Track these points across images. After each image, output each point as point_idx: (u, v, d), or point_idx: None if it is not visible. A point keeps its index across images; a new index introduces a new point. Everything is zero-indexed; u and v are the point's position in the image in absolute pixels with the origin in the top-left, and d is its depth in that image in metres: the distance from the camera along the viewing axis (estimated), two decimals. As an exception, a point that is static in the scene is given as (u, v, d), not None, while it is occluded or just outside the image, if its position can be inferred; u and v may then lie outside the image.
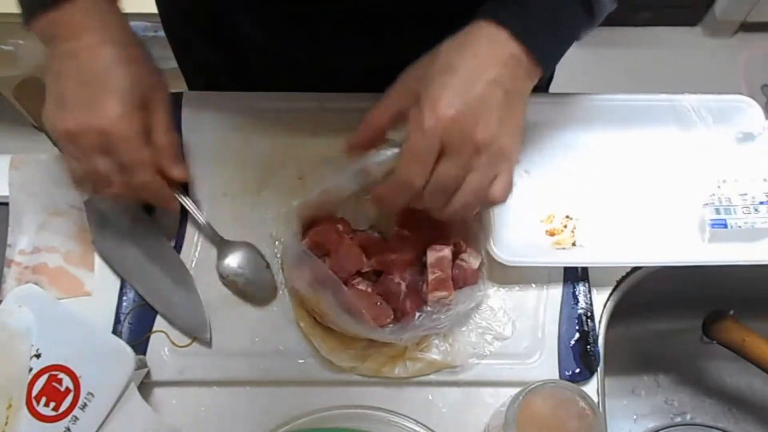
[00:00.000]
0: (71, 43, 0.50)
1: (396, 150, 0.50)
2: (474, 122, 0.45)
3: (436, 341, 0.57)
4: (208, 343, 0.57)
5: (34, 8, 0.50)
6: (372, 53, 0.65)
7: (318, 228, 0.58)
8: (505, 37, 0.47)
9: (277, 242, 0.61)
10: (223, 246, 0.60)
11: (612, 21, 0.71)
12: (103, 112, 0.49)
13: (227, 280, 0.59)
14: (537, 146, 0.65)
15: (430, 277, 0.55)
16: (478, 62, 0.47)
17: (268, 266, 0.59)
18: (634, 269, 0.61)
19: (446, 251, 0.56)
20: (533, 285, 0.60)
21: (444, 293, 0.54)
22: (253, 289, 0.59)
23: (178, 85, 0.75)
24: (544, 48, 0.49)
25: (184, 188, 0.62)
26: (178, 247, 0.61)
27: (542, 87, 0.80)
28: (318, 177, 0.62)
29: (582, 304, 0.59)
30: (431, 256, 0.55)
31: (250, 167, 0.64)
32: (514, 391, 0.48)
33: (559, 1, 0.50)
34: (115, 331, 0.57)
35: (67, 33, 0.50)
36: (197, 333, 0.57)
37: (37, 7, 0.50)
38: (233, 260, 0.59)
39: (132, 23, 0.54)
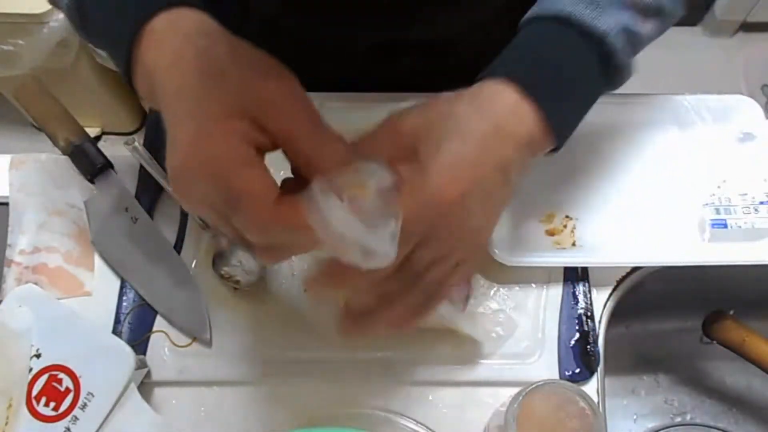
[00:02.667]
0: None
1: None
2: (470, 210, 0.40)
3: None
4: (208, 343, 0.57)
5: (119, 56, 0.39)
6: (388, 29, 0.64)
7: None
8: (530, 111, 0.40)
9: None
10: (221, 244, 0.60)
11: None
12: (176, 155, 0.36)
13: (227, 279, 0.59)
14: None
15: None
16: (495, 138, 0.40)
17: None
18: (634, 269, 0.61)
19: None
20: (533, 285, 0.60)
21: None
22: (253, 287, 0.59)
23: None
24: (567, 131, 0.43)
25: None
26: (178, 247, 0.61)
27: None
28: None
29: (582, 304, 0.59)
30: None
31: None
32: (514, 391, 0.48)
33: (582, 70, 0.43)
34: (115, 331, 0.57)
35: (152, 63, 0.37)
36: (197, 333, 0.57)
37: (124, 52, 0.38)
38: (233, 259, 0.59)
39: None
